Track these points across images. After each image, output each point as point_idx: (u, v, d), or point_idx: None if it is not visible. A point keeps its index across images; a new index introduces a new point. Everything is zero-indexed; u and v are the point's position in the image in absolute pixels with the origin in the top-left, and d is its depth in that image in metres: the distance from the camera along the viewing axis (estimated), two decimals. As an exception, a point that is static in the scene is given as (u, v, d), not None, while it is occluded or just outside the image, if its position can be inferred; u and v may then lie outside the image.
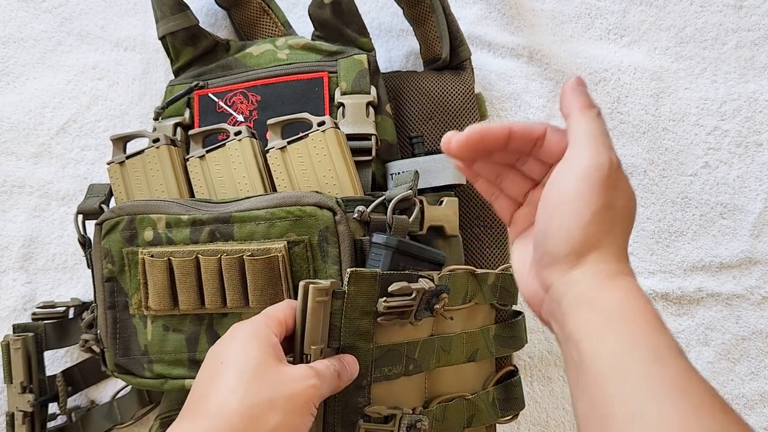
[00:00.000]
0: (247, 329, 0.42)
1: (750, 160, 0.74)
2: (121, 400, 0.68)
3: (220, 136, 0.61)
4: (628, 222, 0.39)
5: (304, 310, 0.43)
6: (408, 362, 0.50)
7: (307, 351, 0.44)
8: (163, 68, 0.76)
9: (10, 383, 0.64)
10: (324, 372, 0.42)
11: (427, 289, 0.48)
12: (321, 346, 0.44)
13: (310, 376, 0.41)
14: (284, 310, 0.45)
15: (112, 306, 0.56)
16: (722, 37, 0.76)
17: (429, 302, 0.49)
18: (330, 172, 0.55)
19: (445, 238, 0.59)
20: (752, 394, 0.71)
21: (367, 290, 0.46)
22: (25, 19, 0.77)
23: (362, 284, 0.46)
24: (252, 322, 0.43)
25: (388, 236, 0.50)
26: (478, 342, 0.57)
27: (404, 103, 0.67)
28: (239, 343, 0.41)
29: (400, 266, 0.50)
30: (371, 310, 0.46)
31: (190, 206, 0.54)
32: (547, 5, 0.77)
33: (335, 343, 0.46)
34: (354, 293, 0.45)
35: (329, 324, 0.45)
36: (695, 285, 0.72)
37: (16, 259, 0.73)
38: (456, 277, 0.53)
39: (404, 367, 0.50)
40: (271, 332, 0.42)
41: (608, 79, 0.75)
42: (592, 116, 0.38)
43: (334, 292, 0.45)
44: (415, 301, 0.47)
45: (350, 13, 0.64)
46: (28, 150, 0.75)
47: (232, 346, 0.42)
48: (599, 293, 0.36)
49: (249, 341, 0.41)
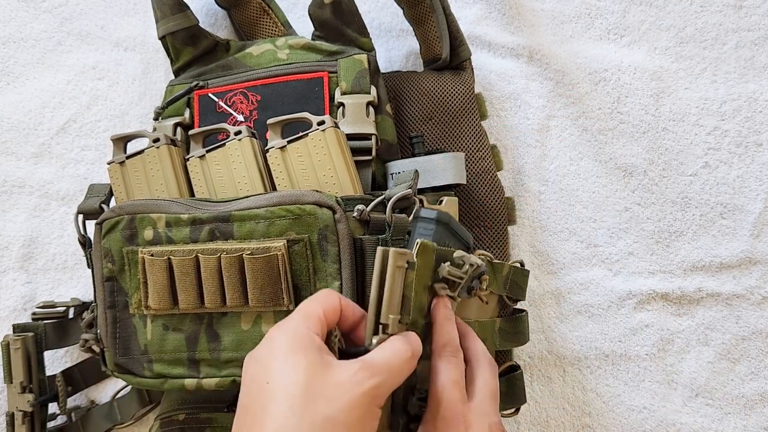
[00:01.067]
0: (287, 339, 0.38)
1: (750, 160, 0.74)
2: (121, 400, 0.68)
3: (220, 136, 0.61)
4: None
5: (382, 276, 0.41)
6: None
7: (384, 320, 0.40)
8: (163, 68, 0.76)
9: (10, 383, 0.64)
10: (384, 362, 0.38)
11: (479, 265, 0.47)
12: (398, 316, 0.41)
13: (365, 378, 0.37)
14: (322, 303, 0.42)
15: (112, 305, 0.56)
16: (722, 37, 0.76)
17: (472, 282, 0.48)
18: (330, 171, 0.55)
19: (445, 237, 0.59)
20: (752, 394, 0.71)
21: (429, 262, 0.45)
22: (25, 19, 0.77)
23: (427, 256, 0.44)
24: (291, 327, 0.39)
25: (439, 211, 0.49)
26: (486, 332, 0.58)
27: (404, 103, 0.67)
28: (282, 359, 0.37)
29: (445, 243, 0.49)
30: (429, 284, 0.45)
31: (190, 205, 0.54)
32: (547, 5, 0.77)
33: (407, 318, 0.43)
34: (421, 265, 0.44)
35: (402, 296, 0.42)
36: (695, 285, 0.72)
37: (16, 259, 0.73)
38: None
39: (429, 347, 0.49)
40: (313, 334, 0.39)
41: (608, 79, 0.75)
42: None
43: (409, 262, 0.42)
44: (465, 275, 0.46)
45: (350, 13, 0.64)
46: (28, 150, 0.75)
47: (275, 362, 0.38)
48: None
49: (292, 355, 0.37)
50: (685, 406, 0.71)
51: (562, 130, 0.75)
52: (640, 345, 0.72)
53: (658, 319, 0.72)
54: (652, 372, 0.71)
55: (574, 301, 0.72)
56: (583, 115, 0.75)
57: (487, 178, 0.67)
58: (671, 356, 0.72)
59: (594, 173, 0.74)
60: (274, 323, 0.52)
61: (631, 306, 0.72)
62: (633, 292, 0.72)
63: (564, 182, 0.74)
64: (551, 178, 0.74)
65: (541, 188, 0.74)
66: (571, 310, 0.72)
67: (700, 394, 0.71)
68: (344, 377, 0.37)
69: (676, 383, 0.71)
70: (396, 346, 0.39)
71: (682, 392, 0.71)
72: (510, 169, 0.74)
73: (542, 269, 0.73)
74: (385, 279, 0.41)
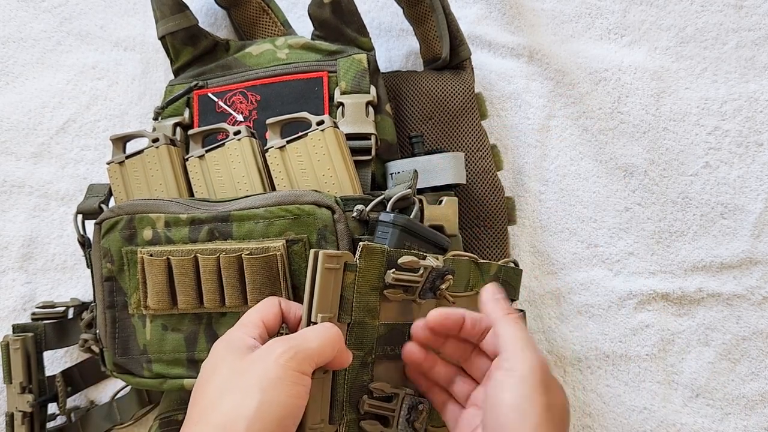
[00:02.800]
0: (224, 345, 0.42)
1: (750, 160, 0.74)
2: (121, 400, 0.68)
3: (219, 136, 0.61)
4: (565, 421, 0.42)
5: (313, 276, 0.43)
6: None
7: (314, 318, 0.43)
8: (163, 68, 0.76)
9: (10, 383, 0.64)
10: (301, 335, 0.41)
11: (434, 267, 0.48)
12: (329, 315, 0.43)
13: (278, 345, 0.40)
14: (260, 310, 0.45)
15: (111, 305, 0.56)
16: (723, 36, 0.76)
17: (434, 283, 0.49)
18: (329, 171, 0.55)
19: (445, 237, 0.59)
20: (753, 394, 0.71)
21: (376, 265, 0.46)
22: (24, 18, 0.77)
23: (373, 258, 0.46)
24: (229, 335, 0.43)
25: (396, 214, 0.50)
26: None
27: (404, 103, 0.67)
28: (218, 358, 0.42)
29: (406, 245, 0.51)
30: (379, 286, 0.47)
31: (189, 205, 0.54)
32: (547, 5, 0.77)
33: (347, 318, 0.45)
34: (364, 267, 0.45)
35: (340, 297, 0.44)
36: (696, 285, 0.72)
37: (16, 259, 0.73)
38: (459, 263, 0.54)
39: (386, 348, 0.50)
40: (247, 337, 0.42)
41: (608, 79, 0.75)
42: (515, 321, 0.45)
43: (347, 264, 0.44)
44: (421, 278, 0.48)
45: (350, 13, 0.64)
46: (27, 150, 0.75)
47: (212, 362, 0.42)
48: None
49: (223, 354, 0.41)
50: (686, 406, 0.71)
51: (562, 130, 0.75)
52: (641, 345, 0.71)
53: (658, 320, 0.72)
54: (653, 372, 0.71)
55: (575, 301, 0.72)
56: (584, 114, 0.75)
57: (487, 177, 0.67)
58: (672, 356, 0.71)
59: (594, 173, 0.74)
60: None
61: (631, 306, 0.72)
62: (633, 292, 0.72)
63: (564, 182, 0.74)
64: (551, 178, 0.74)
65: (541, 188, 0.74)
66: (572, 311, 0.72)
67: (700, 394, 0.71)
68: (261, 351, 0.40)
69: (677, 383, 0.71)
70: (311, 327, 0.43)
71: (683, 392, 0.71)
72: (510, 169, 0.74)
73: (542, 269, 0.73)
74: (315, 280, 0.43)
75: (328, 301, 0.44)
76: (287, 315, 0.46)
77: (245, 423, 0.37)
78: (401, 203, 0.54)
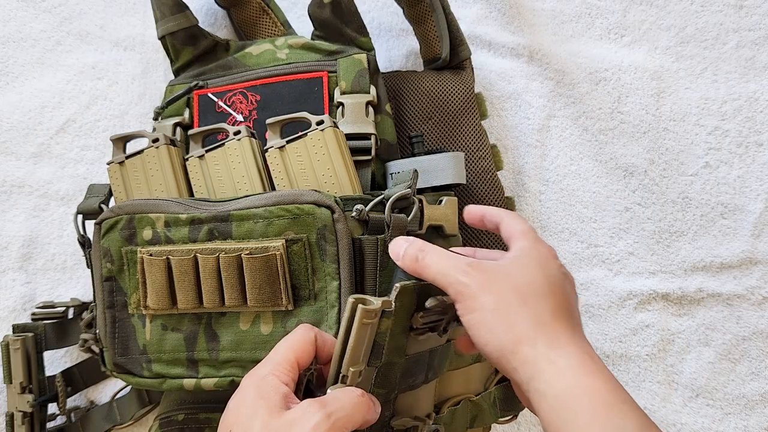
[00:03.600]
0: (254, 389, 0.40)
1: (751, 160, 0.74)
2: (121, 400, 0.68)
3: (219, 136, 0.61)
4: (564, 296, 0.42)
5: (349, 329, 0.41)
6: (428, 369, 0.50)
7: (344, 372, 0.41)
8: (163, 68, 0.76)
9: (10, 383, 0.64)
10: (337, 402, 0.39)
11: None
12: (360, 368, 0.42)
13: (314, 411, 0.38)
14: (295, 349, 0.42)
15: (111, 305, 0.56)
16: (723, 36, 0.76)
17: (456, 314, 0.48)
18: (329, 171, 0.55)
19: (445, 237, 0.59)
20: (753, 394, 0.71)
21: (408, 304, 0.44)
22: (24, 18, 0.77)
23: (405, 298, 0.43)
24: (258, 377, 0.41)
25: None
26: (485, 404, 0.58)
27: (404, 103, 0.67)
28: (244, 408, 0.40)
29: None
30: (408, 325, 0.44)
31: (189, 205, 0.54)
32: (547, 5, 0.77)
33: (377, 362, 0.43)
34: (399, 308, 0.43)
35: (373, 344, 0.42)
36: (696, 285, 0.72)
37: (16, 259, 0.72)
38: None
39: (425, 375, 0.49)
40: (280, 382, 0.40)
41: (608, 79, 0.75)
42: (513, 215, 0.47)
43: (384, 311, 0.42)
44: (446, 315, 0.46)
45: (350, 13, 0.64)
46: (27, 150, 0.75)
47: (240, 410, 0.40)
48: (548, 386, 0.37)
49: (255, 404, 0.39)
50: (686, 406, 0.71)
51: (562, 130, 0.75)
52: (641, 345, 0.71)
53: (658, 320, 0.72)
54: (653, 372, 0.71)
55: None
56: (584, 114, 0.75)
57: (487, 177, 0.67)
58: (672, 356, 0.71)
59: (594, 173, 0.74)
60: (272, 323, 0.52)
61: (631, 306, 0.72)
62: (633, 292, 0.72)
63: (564, 182, 0.74)
64: (551, 178, 0.74)
65: (541, 188, 0.74)
66: (572, 311, 0.72)
67: (700, 394, 0.71)
68: (296, 414, 0.38)
69: (677, 383, 0.71)
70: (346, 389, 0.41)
71: (683, 392, 0.71)
72: (510, 169, 0.74)
73: (542, 269, 0.73)
74: (350, 332, 0.41)
75: (361, 354, 0.41)
76: (321, 348, 0.44)
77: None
78: (401, 203, 0.54)
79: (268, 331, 0.52)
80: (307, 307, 0.52)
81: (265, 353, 0.53)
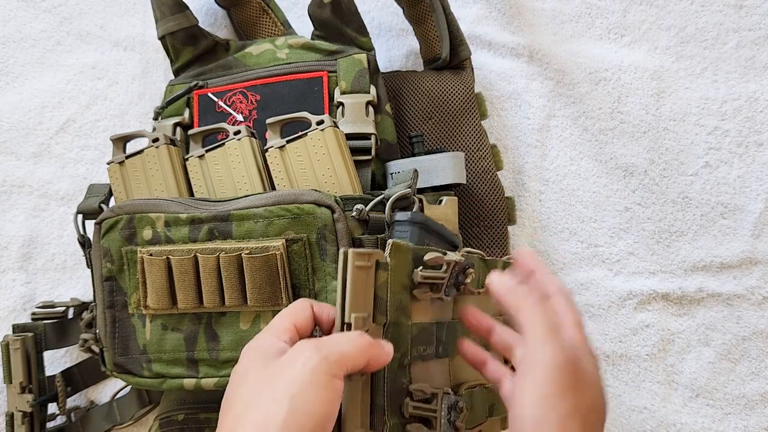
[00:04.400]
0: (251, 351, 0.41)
1: (751, 160, 0.74)
2: (121, 400, 0.68)
3: (219, 136, 0.61)
4: (594, 421, 0.40)
5: (344, 276, 0.40)
6: (438, 343, 0.50)
7: (348, 319, 0.40)
8: (163, 68, 0.76)
9: (10, 383, 0.64)
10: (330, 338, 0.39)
11: (457, 261, 0.47)
12: (364, 314, 0.41)
13: (306, 348, 0.38)
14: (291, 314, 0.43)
15: (111, 305, 0.56)
16: (723, 36, 0.76)
17: (457, 278, 0.49)
18: (329, 171, 0.55)
19: (445, 237, 0.59)
20: (753, 394, 0.71)
21: (404, 263, 0.44)
22: (24, 18, 0.77)
23: (401, 256, 0.44)
24: (255, 340, 0.41)
25: (413, 213, 0.50)
26: None
27: (404, 103, 0.67)
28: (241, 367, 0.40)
29: (424, 243, 0.50)
30: (408, 284, 0.45)
31: (189, 205, 0.54)
32: (547, 5, 0.77)
33: (382, 318, 0.43)
34: (395, 265, 0.43)
35: (374, 297, 0.42)
36: (696, 285, 0.72)
37: (16, 259, 0.72)
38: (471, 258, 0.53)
39: (435, 348, 0.50)
40: (278, 341, 0.40)
41: (608, 79, 0.75)
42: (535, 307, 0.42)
43: (378, 262, 0.42)
44: (446, 273, 0.47)
45: (350, 13, 0.64)
46: (27, 150, 0.75)
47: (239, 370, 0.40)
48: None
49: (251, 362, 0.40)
50: (686, 406, 0.71)
51: (562, 130, 0.75)
52: (641, 345, 0.71)
53: (658, 320, 0.72)
54: (653, 372, 0.71)
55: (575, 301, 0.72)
56: (584, 114, 0.75)
57: (487, 177, 0.67)
58: (672, 356, 0.71)
59: (594, 173, 0.74)
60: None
61: (631, 306, 0.72)
62: (633, 292, 0.72)
63: (564, 182, 0.74)
64: (551, 177, 0.74)
65: (541, 188, 0.74)
66: (572, 311, 0.72)
67: (700, 394, 0.71)
68: (288, 355, 0.39)
69: (677, 383, 0.71)
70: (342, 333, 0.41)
71: (683, 392, 0.71)
72: (510, 169, 0.74)
73: (542, 269, 0.73)
74: (346, 279, 0.41)
75: (362, 301, 0.41)
76: (320, 318, 0.44)
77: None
78: (401, 203, 0.54)
79: (269, 331, 0.52)
80: (307, 306, 0.52)
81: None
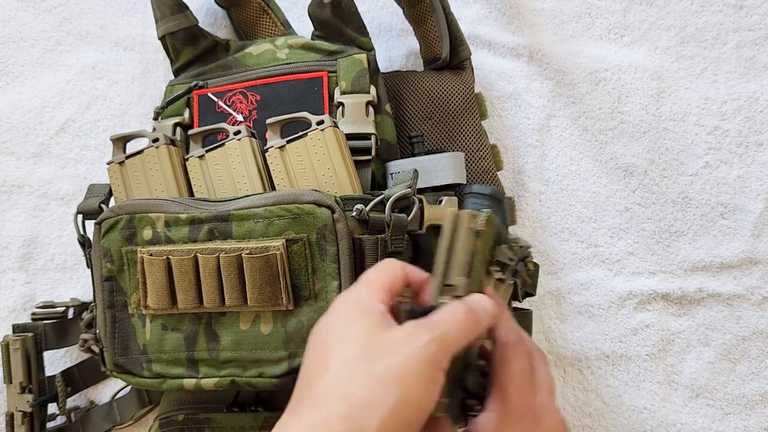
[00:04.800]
0: (350, 304, 0.38)
1: (751, 160, 0.74)
2: (121, 400, 0.68)
3: (219, 136, 0.61)
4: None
5: (453, 237, 0.39)
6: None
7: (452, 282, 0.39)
8: (163, 68, 0.76)
9: (10, 383, 0.64)
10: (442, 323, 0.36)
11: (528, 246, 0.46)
12: (468, 280, 0.39)
13: (421, 334, 0.35)
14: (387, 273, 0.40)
15: (111, 305, 0.56)
16: (723, 36, 0.76)
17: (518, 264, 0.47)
18: (329, 171, 0.55)
19: (445, 237, 0.59)
20: (753, 394, 0.71)
21: (490, 236, 0.42)
22: (24, 18, 0.77)
23: (490, 229, 0.41)
24: (355, 293, 0.39)
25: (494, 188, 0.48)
26: None
27: (404, 103, 0.67)
28: (343, 323, 0.37)
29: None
30: (488, 259, 0.43)
31: (189, 205, 0.54)
32: (547, 5, 0.77)
33: (475, 286, 0.40)
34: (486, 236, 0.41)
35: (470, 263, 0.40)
36: (696, 285, 0.72)
37: (16, 259, 0.73)
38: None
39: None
40: (375, 300, 0.38)
41: (608, 79, 0.75)
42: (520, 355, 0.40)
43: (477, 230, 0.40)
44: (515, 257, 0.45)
45: (350, 13, 0.64)
46: (27, 150, 0.75)
47: (336, 325, 0.38)
48: None
49: (353, 317, 0.37)
50: (686, 406, 0.71)
51: (562, 130, 0.75)
52: (641, 345, 0.71)
53: (658, 320, 0.72)
54: (653, 372, 0.71)
55: (575, 301, 0.72)
56: (584, 114, 0.75)
57: (487, 177, 0.67)
58: (672, 356, 0.71)
59: (594, 173, 0.74)
60: (272, 323, 0.52)
61: (631, 306, 0.72)
62: (633, 292, 0.72)
63: (564, 182, 0.74)
64: (551, 178, 0.74)
65: (541, 188, 0.74)
66: (572, 311, 0.72)
67: (700, 394, 0.71)
68: (401, 335, 0.36)
69: (677, 383, 0.71)
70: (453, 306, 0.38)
71: (683, 392, 0.71)
72: (510, 169, 0.74)
73: (542, 269, 0.73)
74: (455, 240, 0.39)
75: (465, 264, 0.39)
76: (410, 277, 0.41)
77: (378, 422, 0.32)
78: (401, 203, 0.54)
79: (268, 331, 0.52)
80: (307, 306, 0.52)
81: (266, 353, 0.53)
